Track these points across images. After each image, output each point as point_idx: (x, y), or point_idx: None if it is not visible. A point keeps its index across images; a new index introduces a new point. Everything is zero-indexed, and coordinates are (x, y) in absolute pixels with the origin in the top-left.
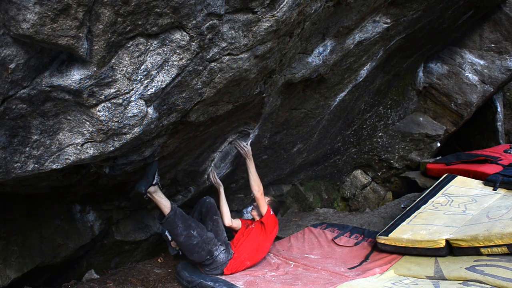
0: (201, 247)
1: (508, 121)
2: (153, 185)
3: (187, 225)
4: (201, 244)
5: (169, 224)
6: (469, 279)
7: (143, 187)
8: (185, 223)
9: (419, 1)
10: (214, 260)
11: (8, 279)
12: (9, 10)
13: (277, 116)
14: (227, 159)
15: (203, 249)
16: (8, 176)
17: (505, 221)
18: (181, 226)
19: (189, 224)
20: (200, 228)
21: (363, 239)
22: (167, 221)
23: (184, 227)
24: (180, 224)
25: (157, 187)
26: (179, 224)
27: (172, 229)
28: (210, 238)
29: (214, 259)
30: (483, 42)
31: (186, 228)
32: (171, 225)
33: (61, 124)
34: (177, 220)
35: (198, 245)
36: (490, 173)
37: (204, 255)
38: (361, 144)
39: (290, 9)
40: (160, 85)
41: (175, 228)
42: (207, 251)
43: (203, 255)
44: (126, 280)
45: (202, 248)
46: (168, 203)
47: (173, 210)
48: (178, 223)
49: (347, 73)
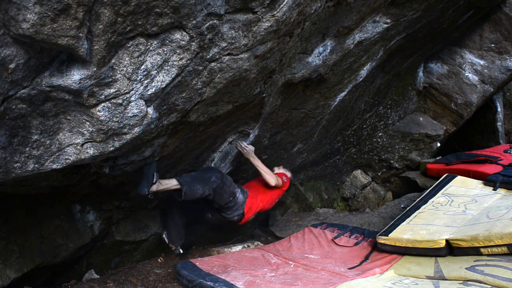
0: (223, 189)
1: (508, 121)
2: (154, 184)
3: (202, 179)
4: (222, 186)
5: (190, 195)
6: (469, 279)
7: (146, 188)
8: (200, 181)
9: (419, 1)
10: (236, 202)
11: (8, 279)
12: (9, 10)
13: (277, 116)
14: (227, 159)
15: (225, 192)
16: (8, 176)
17: (505, 221)
18: (199, 186)
19: (203, 176)
20: (216, 171)
21: (363, 239)
22: (186, 195)
23: (202, 184)
24: (198, 186)
25: (158, 183)
26: (197, 186)
27: (194, 196)
28: (230, 180)
29: (236, 200)
30: (483, 42)
31: (204, 182)
32: (192, 195)
33: (61, 124)
34: (192, 186)
35: (219, 187)
36: (490, 173)
37: (227, 197)
38: (361, 144)
39: (290, 9)
40: (160, 85)
41: (196, 192)
42: (229, 193)
43: (225, 198)
44: (126, 280)
45: (224, 190)
46: (174, 181)
47: (182, 183)
48: (195, 187)
49: (347, 73)
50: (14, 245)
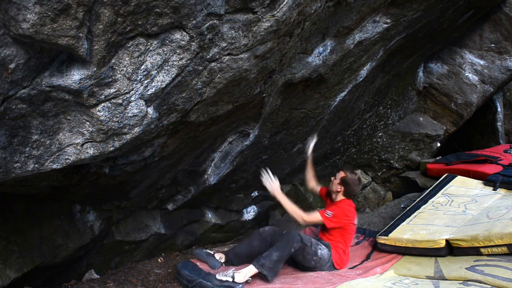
0: (305, 250)
1: (508, 121)
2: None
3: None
4: (303, 248)
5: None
6: (469, 279)
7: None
8: (281, 261)
9: (419, 1)
10: (320, 258)
11: (8, 279)
12: (9, 10)
13: (277, 116)
14: (227, 159)
15: (307, 253)
16: (8, 176)
17: (505, 221)
18: (282, 265)
19: (283, 254)
20: (296, 240)
21: (363, 239)
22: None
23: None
24: (281, 265)
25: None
26: (280, 266)
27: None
28: (307, 238)
29: (320, 258)
30: (483, 42)
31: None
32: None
33: (61, 124)
34: (277, 269)
35: (300, 250)
36: (490, 173)
37: (310, 258)
38: (361, 144)
39: (290, 9)
40: (160, 85)
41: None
42: (312, 253)
43: (312, 261)
44: (126, 280)
45: (304, 250)
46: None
47: (267, 275)
48: (279, 268)
49: (347, 73)
50: (14, 245)
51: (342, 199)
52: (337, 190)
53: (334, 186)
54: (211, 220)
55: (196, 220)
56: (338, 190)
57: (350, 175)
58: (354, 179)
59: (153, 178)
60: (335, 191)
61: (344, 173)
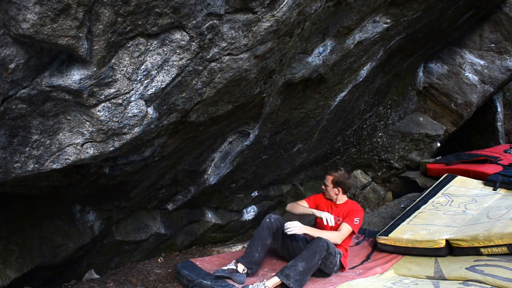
0: (328, 259)
1: (508, 121)
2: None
3: (310, 269)
4: (327, 257)
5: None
6: (469, 279)
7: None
8: (308, 272)
9: (419, 1)
10: (334, 265)
11: (8, 279)
12: (9, 10)
13: (277, 116)
14: (227, 159)
15: (330, 262)
16: (8, 176)
17: (505, 221)
18: (308, 276)
19: (310, 266)
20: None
21: (363, 239)
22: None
23: (310, 272)
24: (307, 277)
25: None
26: (307, 278)
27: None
28: (332, 246)
29: (336, 264)
30: (483, 42)
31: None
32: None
33: (61, 124)
34: (303, 282)
35: (324, 259)
36: (490, 173)
37: (332, 267)
38: (361, 144)
39: (290, 9)
40: (160, 85)
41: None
42: (334, 262)
43: (331, 268)
44: (126, 280)
45: (328, 259)
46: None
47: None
48: (306, 279)
49: (347, 73)
50: (14, 245)
51: (347, 200)
52: (335, 193)
53: (331, 192)
54: (211, 220)
55: (196, 220)
56: (337, 193)
57: (338, 174)
58: (342, 175)
59: (153, 178)
60: (335, 195)
61: (331, 175)
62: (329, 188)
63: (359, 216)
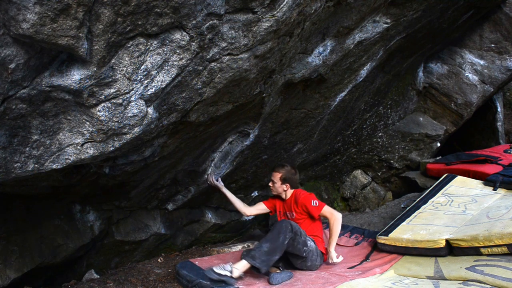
0: (295, 240)
1: (508, 121)
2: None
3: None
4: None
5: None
6: (469, 279)
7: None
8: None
9: (419, 1)
10: (309, 250)
11: (8, 279)
12: (9, 10)
13: (277, 116)
14: (227, 159)
15: (298, 242)
16: (8, 176)
17: (505, 221)
18: (276, 256)
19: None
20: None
21: (363, 239)
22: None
23: (278, 252)
24: (275, 257)
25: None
26: (274, 257)
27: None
28: (297, 227)
29: (309, 248)
30: (483, 42)
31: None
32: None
33: (61, 124)
34: (270, 262)
35: (291, 241)
36: (490, 173)
37: (301, 248)
38: (361, 144)
39: (290, 9)
40: (160, 85)
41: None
42: (302, 243)
43: (300, 249)
44: (126, 280)
45: (295, 240)
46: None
47: (259, 267)
48: (272, 259)
49: (347, 73)
50: (14, 245)
51: (294, 191)
52: (284, 189)
53: (280, 188)
54: (211, 220)
55: (196, 220)
56: (285, 188)
57: (285, 170)
58: (289, 170)
59: (153, 178)
60: (283, 191)
61: (279, 172)
62: (277, 185)
63: (312, 198)
